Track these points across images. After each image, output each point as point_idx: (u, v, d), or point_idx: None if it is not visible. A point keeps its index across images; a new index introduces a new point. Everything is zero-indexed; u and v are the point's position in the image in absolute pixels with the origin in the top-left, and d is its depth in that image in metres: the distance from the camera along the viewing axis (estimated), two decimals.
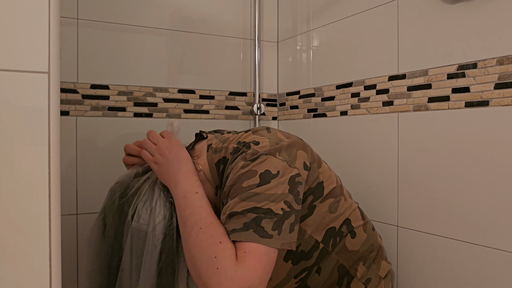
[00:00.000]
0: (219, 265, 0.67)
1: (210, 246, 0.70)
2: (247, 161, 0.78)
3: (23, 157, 0.47)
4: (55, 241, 0.48)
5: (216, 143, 0.91)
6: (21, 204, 0.47)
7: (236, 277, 0.66)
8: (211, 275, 0.67)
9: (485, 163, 0.88)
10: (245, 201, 0.74)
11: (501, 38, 0.86)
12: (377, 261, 0.96)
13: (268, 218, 0.72)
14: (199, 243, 0.71)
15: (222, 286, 0.66)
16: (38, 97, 0.47)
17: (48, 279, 0.48)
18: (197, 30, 1.41)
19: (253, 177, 0.76)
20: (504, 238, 0.85)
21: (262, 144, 0.81)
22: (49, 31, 0.48)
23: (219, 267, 0.67)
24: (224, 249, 0.70)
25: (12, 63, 0.46)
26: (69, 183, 1.23)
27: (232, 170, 0.79)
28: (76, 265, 1.25)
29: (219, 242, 0.71)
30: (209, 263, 0.68)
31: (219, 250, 0.69)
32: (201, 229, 0.73)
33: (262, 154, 0.78)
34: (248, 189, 0.75)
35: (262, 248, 0.70)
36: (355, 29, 1.21)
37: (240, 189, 0.75)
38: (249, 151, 0.80)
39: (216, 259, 0.68)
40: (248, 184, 0.75)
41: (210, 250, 0.70)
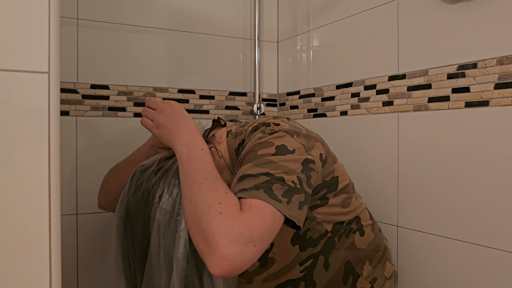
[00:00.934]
0: (222, 210, 0.64)
1: (216, 193, 0.68)
2: (265, 134, 0.78)
3: (23, 157, 0.47)
4: (55, 241, 0.48)
5: (236, 129, 0.91)
6: (21, 204, 0.47)
7: (238, 224, 0.63)
8: (212, 218, 0.64)
9: (485, 163, 0.88)
10: (258, 166, 0.71)
11: (501, 38, 0.86)
12: (383, 261, 0.97)
13: (279, 185, 0.69)
14: (204, 190, 0.69)
15: (221, 230, 0.62)
16: (38, 97, 0.47)
17: (48, 279, 0.48)
18: (197, 30, 1.41)
19: (269, 147, 0.75)
20: (504, 238, 0.85)
21: (282, 125, 0.81)
22: (49, 31, 0.48)
23: (223, 211, 0.64)
24: (230, 198, 0.67)
25: (12, 63, 0.46)
26: (69, 183, 1.23)
27: (250, 141, 0.79)
28: (76, 265, 1.25)
29: (225, 192, 0.68)
30: (211, 208, 0.65)
31: (225, 197, 0.67)
32: (206, 179, 0.71)
33: (281, 130, 0.78)
34: (262, 156, 0.73)
35: (269, 207, 0.66)
36: (355, 29, 1.21)
37: (254, 156, 0.74)
38: (268, 127, 0.80)
39: (221, 205, 0.65)
40: (263, 152, 0.74)
41: (215, 196, 0.67)
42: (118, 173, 1.04)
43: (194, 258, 0.75)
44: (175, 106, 0.89)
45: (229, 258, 0.61)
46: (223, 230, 0.62)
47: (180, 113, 0.87)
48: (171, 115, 0.87)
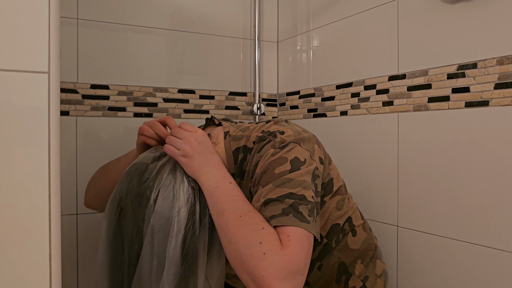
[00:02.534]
0: (265, 250, 0.67)
1: (253, 232, 0.69)
2: (276, 148, 0.79)
3: (23, 157, 0.47)
4: (55, 241, 0.48)
5: (234, 131, 0.90)
6: (21, 204, 0.47)
7: (283, 261, 0.66)
8: (258, 260, 0.66)
9: (485, 163, 0.88)
10: (279, 187, 0.74)
11: (501, 38, 0.86)
12: (374, 260, 0.98)
13: (303, 205, 0.73)
14: (241, 231, 0.70)
15: (269, 271, 0.65)
16: (38, 97, 0.47)
17: (48, 279, 0.48)
18: (197, 30, 1.41)
19: (284, 164, 0.77)
20: (504, 238, 0.85)
21: (287, 133, 0.82)
22: (49, 31, 0.48)
23: (266, 252, 0.66)
24: (268, 234, 0.69)
25: (12, 63, 0.46)
26: (69, 183, 1.23)
27: (262, 158, 0.80)
28: (76, 265, 1.25)
29: (262, 228, 0.70)
30: (254, 249, 0.67)
31: (264, 235, 0.69)
32: (240, 217, 0.72)
33: (291, 142, 0.80)
34: (280, 175, 0.75)
35: (304, 232, 0.70)
36: (355, 29, 1.21)
37: (273, 175, 0.76)
38: (276, 139, 0.81)
39: (262, 245, 0.67)
40: (280, 170, 0.76)
41: (254, 236, 0.69)
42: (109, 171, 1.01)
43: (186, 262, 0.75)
44: (202, 138, 0.85)
45: None
46: (270, 271, 0.65)
47: (206, 146, 0.84)
48: (198, 147, 0.83)
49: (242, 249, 0.68)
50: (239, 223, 0.71)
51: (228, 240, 0.71)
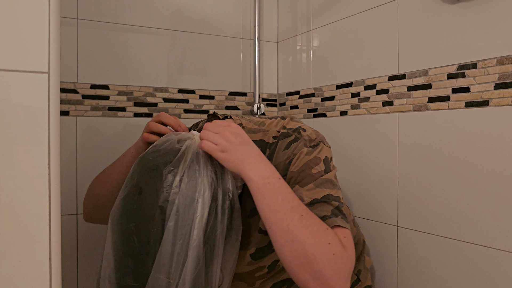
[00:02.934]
0: (334, 251, 0.69)
1: (320, 233, 0.70)
2: (308, 147, 0.81)
3: (23, 157, 0.47)
4: (55, 241, 0.48)
5: (247, 124, 0.89)
6: (21, 204, 0.47)
7: (348, 262, 0.70)
8: (328, 261, 0.68)
9: (485, 163, 0.88)
10: (320, 187, 0.77)
11: (501, 38, 0.86)
12: (363, 254, 1.01)
13: (342, 205, 0.77)
14: (308, 231, 0.70)
15: (338, 271, 0.69)
16: (38, 97, 0.47)
17: (48, 279, 0.48)
18: (197, 30, 1.41)
19: (319, 164, 0.80)
20: (504, 238, 0.85)
21: (308, 131, 0.84)
22: (49, 31, 0.48)
23: (335, 253, 0.69)
24: (333, 235, 0.71)
25: (12, 63, 0.46)
26: (69, 183, 1.23)
27: (295, 156, 0.80)
28: (76, 265, 1.25)
29: (326, 228, 0.72)
30: (324, 249, 0.69)
31: (330, 236, 0.70)
32: (302, 216, 0.71)
33: (319, 141, 0.83)
34: (318, 175, 0.78)
35: (350, 233, 0.74)
36: (355, 29, 1.21)
37: (311, 175, 0.78)
38: (305, 137, 0.83)
39: (331, 246, 0.69)
40: (317, 170, 0.79)
41: (322, 237, 0.70)
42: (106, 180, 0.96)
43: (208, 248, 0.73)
44: (238, 130, 0.81)
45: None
46: (339, 271, 0.69)
47: (244, 138, 0.80)
48: (236, 140, 0.79)
49: (310, 249, 0.68)
50: (303, 223, 0.70)
51: (290, 239, 0.70)
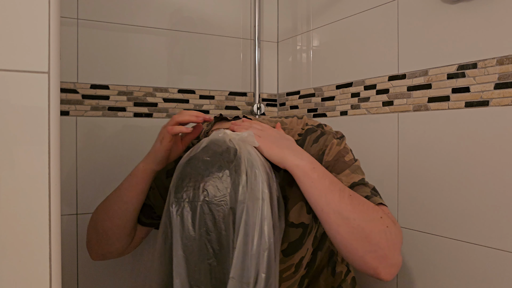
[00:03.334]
0: (387, 224, 0.74)
1: (370, 209, 0.74)
2: (336, 139, 0.86)
3: (23, 157, 0.47)
4: (55, 241, 0.48)
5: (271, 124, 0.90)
6: (21, 204, 0.47)
7: (399, 233, 0.75)
8: (383, 233, 0.72)
9: (485, 163, 0.88)
10: (355, 173, 0.83)
11: (501, 38, 0.86)
12: None
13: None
14: (359, 208, 0.73)
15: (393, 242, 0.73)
16: (38, 97, 0.47)
17: (48, 279, 0.48)
18: (197, 30, 1.41)
19: (348, 153, 0.85)
20: (504, 238, 0.85)
21: (328, 127, 0.89)
22: (49, 31, 0.48)
23: (388, 225, 0.73)
24: (381, 210, 0.76)
25: (12, 63, 0.46)
26: (69, 183, 1.23)
27: (327, 147, 0.85)
28: (76, 265, 1.25)
29: (373, 205, 0.76)
30: (377, 223, 0.73)
31: (379, 211, 0.75)
32: (351, 196, 0.74)
33: (343, 135, 0.88)
34: (350, 163, 0.84)
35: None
36: (355, 29, 1.21)
37: (345, 163, 0.83)
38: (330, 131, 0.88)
39: (383, 219, 0.74)
40: (349, 158, 0.84)
41: (373, 212, 0.74)
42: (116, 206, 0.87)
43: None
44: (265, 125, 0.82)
45: (397, 264, 0.74)
46: (392, 242, 0.73)
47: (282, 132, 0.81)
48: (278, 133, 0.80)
49: (365, 224, 0.72)
50: (354, 201, 0.73)
51: (345, 217, 0.72)
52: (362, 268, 0.73)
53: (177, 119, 0.82)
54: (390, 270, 0.72)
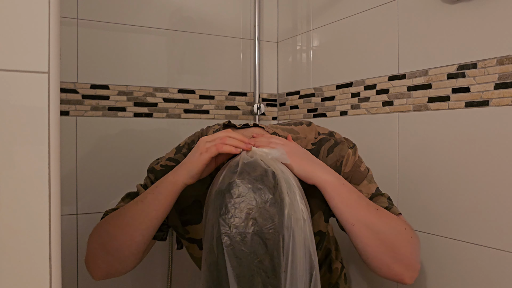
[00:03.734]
0: (411, 234, 0.79)
1: (395, 221, 0.79)
2: (351, 148, 0.87)
3: (23, 157, 0.47)
4: (55, 241, 0.48)
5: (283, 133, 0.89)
6: (21, 204, 0.47)
7: (418, 241, 0.81)
8: (408, 243, 0.78)
9: (485, 163, 0.88)
10: (371, 183, 0.86)
11: (501, 38, 0.86)
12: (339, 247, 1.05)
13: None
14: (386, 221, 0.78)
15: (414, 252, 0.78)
16: (38, 97, 0.47)
17: (48, 279, 0.48)
18: (197, 30, 1.41)
19: (362, 163, 0.87)
20: (504, 238, 0.85)
21: (337, 134, 0.90)
22: (49, 31, 0.48)
23: (412, 236, 0.79)
24: (403, 221, 0.81)
25: (12, 63, 0.46)
26: (69, 183, 1.23)
27: (343, 157, 0.85)
28: (76, 265, 1.25)
29: (396, 217, 0.80)
30: (403, 235, 0.78)
31: (402, 223, 0.80)
32: (377, 210, 0.78)
33: (353, 143, 0.90)
34: (365, 173, 0.86)
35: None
36: (355, 29, 1.21)
37: (361, 173, 0.85)
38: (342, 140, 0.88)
39: (407, 231, 0.78)
40: (363, 168, 0.86)
41: (398, 225, 0.78)
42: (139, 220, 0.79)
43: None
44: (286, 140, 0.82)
45: (418, 269, 0.78)
46: (415, 252, 0.78)
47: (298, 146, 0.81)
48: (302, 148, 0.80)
49: (393, 236, 0.77)
50: (380, 215, 0.77)
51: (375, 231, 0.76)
52: (387, 275, 0.78)
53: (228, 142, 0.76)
54: (413, 275, 0.78)
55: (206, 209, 0.73)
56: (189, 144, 0.92)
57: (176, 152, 0.92)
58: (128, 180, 1.30)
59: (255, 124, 0.91)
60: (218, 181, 0.71)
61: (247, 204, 0.67)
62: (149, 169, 0.91)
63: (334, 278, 0.98)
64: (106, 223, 0.84)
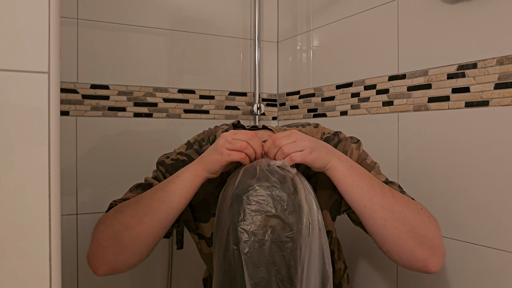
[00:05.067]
0: (427, 214, 0.76)
1: (410, 202, 0.76)
2: (355, 143, 0.87)
3: (23, 157, 0.47)
4: (55, 241, 0.48)
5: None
6: (21, 204, 0.47)
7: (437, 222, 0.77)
8: (428, 223, 0.74)
9: (485, 163, 0.88)
10: (379, 174, 0.84)
11: (501, 38, 0.86)
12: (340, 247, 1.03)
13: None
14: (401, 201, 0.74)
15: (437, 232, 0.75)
16: (38, 97, 0.47)
17: (48, 279, 0.48)
18: (197, 30, 1.41)
19: (368, 156, 0.86)
20: (504, 238, 0.85)
21: (343, 134, 0.90)
22: (49, 31, 0.48)
23: (429, 216, 0.76)
24: (417, 202, 0.78)
25: (12, 63, 0.46)
26: (69, 183, 1.23)
27: (347, 152, 0.84)
28: (76, 265, 1.25)
29: (411, 198, 0.79)
30: (421, 215, 0.75)
31: (418, 203, 0.77)
32: (390, 190, 0.76)
33: (358, 139, 0.89)
34: (372, 165, 0.84)
35: None
36: (355, 29, 1.21)
37: (368, 165, 0.84)
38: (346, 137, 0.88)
39: (423, 210, 0.76)
40: (370, 160, 0.85)
41: (413, 205, 0.76)
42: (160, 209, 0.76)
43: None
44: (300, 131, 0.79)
45: (444, 253, 0.75)
46: (437, 231, 0.75)
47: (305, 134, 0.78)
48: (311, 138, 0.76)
49: (410, 216, 0.73)
50: (394, 194, 0.74)
51: (390, 210, 0.73)
52: (410, 263, 0.73)
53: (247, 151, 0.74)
54: (439, 260, 0.73)
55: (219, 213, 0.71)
56: (199, 141, 0.92)
57: (187, 147, 0.91)
58: (128, 180, 1.30)
59: (264, 126, 0.90)
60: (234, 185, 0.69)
61: (266, 211, 0.65)
62: (159, 162, 0.89)
63: (337, 278, 0.98)
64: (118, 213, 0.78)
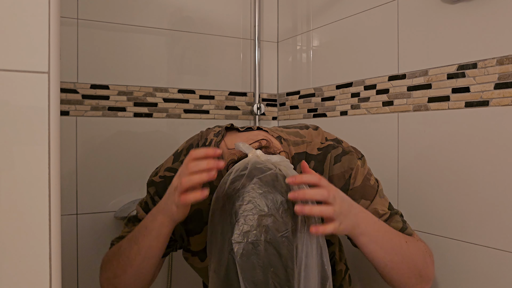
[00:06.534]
0: (429, 254, 0.84)
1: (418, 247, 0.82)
2: (359, 159, 0.85)
3: (23, 157, 0.47)
4: (55, 241, 0.48)
5: (287, 136, 0.86)
6: (21, 204, 0.47)
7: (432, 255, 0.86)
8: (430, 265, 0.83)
9: (485, 163, 0.88)
10: (383, 198, 0.85)
11: (501, 38, 0.86)
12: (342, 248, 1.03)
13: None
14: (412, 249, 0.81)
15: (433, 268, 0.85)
16: (38, 97, 0.47)
17: (48, 279, 0.48)
18: (197, 30, 1.41)
19: (371, 176, 0.85)
20: (504, 238, 0.85)
21: (344, 142, 0.88)
22: (49, 31, 0.48)
23: (430, 255, 0.84)
24: (420, 242, 0.85)
25: (12, 63, 0.46)
26: (69, 183, 1.23)
27: (353, 170, 0.82)
28: (76, 265, 1.25)
29: (416, 240, 0.84)
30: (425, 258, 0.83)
31: (422, 245, 0.84)
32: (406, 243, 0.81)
33: (361, 153, 0.87)
34: (375, 187, 0.84)
35: None
36: (355, 29, 1.21)
37: (371, 187, 0.83)
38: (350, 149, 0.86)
39: (426, 252, 0.83)
40: (373, 181, 0.84)
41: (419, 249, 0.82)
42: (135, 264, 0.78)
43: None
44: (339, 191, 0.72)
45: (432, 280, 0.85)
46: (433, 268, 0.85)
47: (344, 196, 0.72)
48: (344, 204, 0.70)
49: (420, 262, 0.81)
50: (409, 245, 0.80)
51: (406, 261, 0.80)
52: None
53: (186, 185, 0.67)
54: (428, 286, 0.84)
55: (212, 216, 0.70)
56: (187, 149, 0.87)
57: (174, 160, 0.87)
58: (128, 180, 1.31)
59: (258, 127, 0.88)
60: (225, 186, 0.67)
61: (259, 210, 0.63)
62: (149, 183, 0.87)
63: (338, 280, 0.97)
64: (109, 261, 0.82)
